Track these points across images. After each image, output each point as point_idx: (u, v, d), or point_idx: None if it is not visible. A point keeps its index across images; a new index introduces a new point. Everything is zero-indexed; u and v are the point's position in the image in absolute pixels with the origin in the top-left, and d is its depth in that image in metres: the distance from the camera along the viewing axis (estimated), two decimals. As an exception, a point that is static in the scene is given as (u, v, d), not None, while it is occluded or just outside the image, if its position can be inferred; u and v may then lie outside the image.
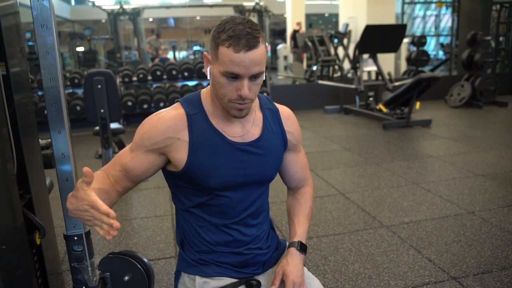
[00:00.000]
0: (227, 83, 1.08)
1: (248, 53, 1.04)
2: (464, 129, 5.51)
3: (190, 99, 1.21)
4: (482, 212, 2.88)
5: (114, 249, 2.56)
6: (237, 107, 1.11)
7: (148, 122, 1.18)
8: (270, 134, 1.24)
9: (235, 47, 1.03)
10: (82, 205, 0.94)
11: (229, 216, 1.23)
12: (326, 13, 20.51)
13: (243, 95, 1.07)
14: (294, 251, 1.28)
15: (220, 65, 1.07)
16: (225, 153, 1.17)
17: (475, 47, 7.08)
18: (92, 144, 5.25)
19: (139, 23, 10.68)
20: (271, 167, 1.26)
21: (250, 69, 1.05)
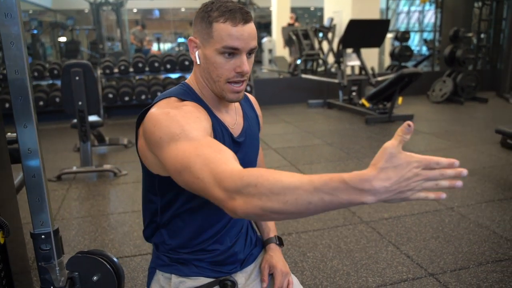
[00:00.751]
0: (224, 62, 1.03)
1: (245, 26, 1.01)
2: (445, 125, 5.55)
3: (182, 91, 1.10)
4: (460, 208, 2.90)
5: (90, 245, 2.51)
6: (234, 89, 1.05)
7: (187, 111, 0.98)
8: (250, 121, 1.22)
9: (232, 20, 1.00)
10: (409, 170, 0.67)
11: (221, 214, 1.19)
12: (312, 7, 20.47)
13: (244, 70, 1.03)
14: (274, 246, 1.30)
15: (216, 42, 1.01)
16: (228, 145, 1.12)
17: (457, 43, 7.14)
18: (72, 136, 5.15)
19: (123, 14, 10.50)
20: (255, 154, 1.25)
21: (248, 43, 1.02)
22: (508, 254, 2.29)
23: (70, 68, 3.48)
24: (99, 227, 2.75)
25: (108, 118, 6.35)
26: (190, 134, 0.90)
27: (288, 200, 0.71)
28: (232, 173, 0.78)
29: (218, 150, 0.85)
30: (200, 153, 0.84)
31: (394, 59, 9.08)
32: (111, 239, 2.58)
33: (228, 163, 0.81)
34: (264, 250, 1.33)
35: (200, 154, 0.84)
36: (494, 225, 2.64)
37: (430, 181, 0.68)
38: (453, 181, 0.68)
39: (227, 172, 0.78)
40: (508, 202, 2.99)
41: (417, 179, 0.68)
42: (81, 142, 3.71)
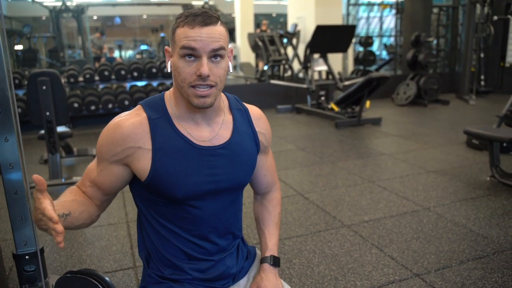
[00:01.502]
0: (186, 65, 1.01)
1: (204, 28, 1.00)
2: (412, 127, 5.71)
3: (152, 101, 1.13)
4: (436, 208, 2.97)
5: (66, 262, 2.39)
6: (197, 93, 1.02)
7: (105, 133, 1.11)
8: (242, 136, 1.17)
9: (190, 23, 1.00)
10: (37, 214, 0.92)
11: (200, 228, 1.15)
12: (274, 13, 20.68)
13: (203, 73, 0.99)
14: (267, 267, 1.25)
15: (177, 46, 1.02)
16: (193, 159, 1.09)
17: (418, 48, 7.38)
18: (36, 148, 4.93)
19: (84, 21, 10.22)
20: (244, 171, 1.18)
21: (208, 44, 0.99)
22: (486, 251, 2.36)
23: (36, 77, 3.34)
24: (75, 242, 2.63)
25: (74, 128, 6.13)
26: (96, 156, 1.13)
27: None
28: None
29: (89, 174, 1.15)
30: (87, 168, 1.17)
31: (359, 63, 9.29)
32: (89, 255, 2.47)
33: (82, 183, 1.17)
34: (259, 269, 1.30)
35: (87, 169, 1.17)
36: (470, 223, 2.71)
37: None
38: None
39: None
40: (480, 200, 3.09)
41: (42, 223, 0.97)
42: (50, 154, 3.56)
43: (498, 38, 8.14)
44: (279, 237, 1.32)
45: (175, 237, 1.15)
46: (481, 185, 3.41)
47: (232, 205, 1.21)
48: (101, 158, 1.11)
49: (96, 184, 1.13)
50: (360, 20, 17.69)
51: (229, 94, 1.24)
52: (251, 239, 2.60)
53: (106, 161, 1.10)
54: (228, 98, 1.21)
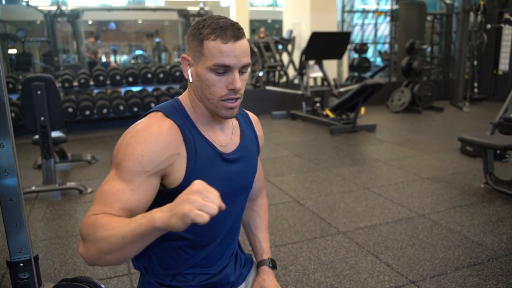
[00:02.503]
0: (217, 79, 1.01)
1: (237, 43, 0.99)
2: (407, 133, 5.73)
3: (171, 107, 1.09)
4: (431, 215, 2.98)
5: (60, 269, 2.37)
6: (228, 106, 1.04)
7: (141, 142, 0.99)
8: (247, 141, 1.20)
9: (223, 38, 0.98)
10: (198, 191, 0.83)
11: (211, 233, 1.15)
12: (269, 20, 20.76)
13: (237, 87, 1.01)
14: (266, 269, 1.28)
15: (207, 60, 1.00)
16: (217, 164, 1.10)
17: (413, 55, 7.43)
18: (29, 153, 4.90)
19: (78, 26, 10.19)
20: (251, 174, 1.21)
21: (240, 59, 1.00)
22: (481, 257, 2.37)
23: (31, 82, 3.32)
24: (68, 249, 2.61)
25: (68, 133, 6.10)
26: (121, 171, 0.98)
27: (111, 241, 0.86)
28: (89, 218, 0.92)
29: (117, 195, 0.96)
30: (105, 188, 0.97)
31: (353, 70, 9.34)
32: (83, 261, 2.44)
33: (104, 208, 0.94)
34: (257, 272, 1.31)
35: (105, 189, 0.97)
36: (464, 230, 2.72)
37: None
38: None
39: (89, 215, 0.93)
40: (474, 207, 3.11)
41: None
42: (44, 159, 3.53)
43: (491, 46, 8.22)
44: (269, 240, 1.35)
45: (180, 244, 1.14)
46: (476, 192, 3.43)
47: (240, 208, 1.23)
48: (139, 171, 0.97)
49: (132, 206, 0.97)
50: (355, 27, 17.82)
51: None
52: (247, 246, 2.59)
53: (146, 173, 0.98)
54: None
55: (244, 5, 14.04)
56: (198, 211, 0.77)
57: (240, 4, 13.87)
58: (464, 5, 7.42)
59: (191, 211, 0.77)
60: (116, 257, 0.88)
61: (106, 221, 0.89)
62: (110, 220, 0.90)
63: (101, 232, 0.88)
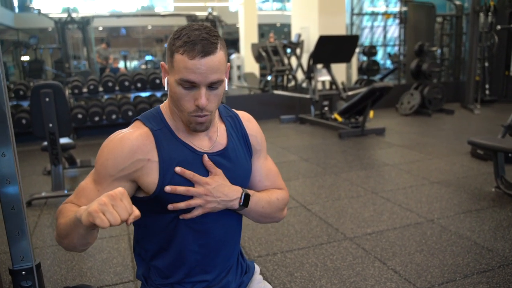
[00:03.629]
0: (184, 93, 1.01)
1: (203, 59, 0.97)
2: (416, 137, 5.68)
3: (150, 115, 1.12)
4: (440, 220, 2.93)
5: (67, 275, 2.38)
6: (197, 121, 1.04)
7: (109, 146, 1.05)
8: (235, 142, 1.18)
9: (189, 53, 0.97)
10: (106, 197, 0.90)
11: (204, 238, 1.14)
12: (278, 23, 20.78)
13: (200, 105, 1.00)
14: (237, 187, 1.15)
15: (175, 73, 1.00)
16: (198, 167, 1.09)
17: (422, 57, 7.37)
18: (40, 159, 4.95)
19: (89, 32, 10.32)
20: (243, 177, 1.19)
21: (206, 77, 0.99)
22: (491, 264, 2.32)
23: (39, 89, 3.36)
24: (75, 255, 2.62)
25: (78, 139, 6.16)
26: (94, 173, 1.07)
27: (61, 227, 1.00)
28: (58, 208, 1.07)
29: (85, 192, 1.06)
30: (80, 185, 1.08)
31: (362, 73, 9.29)
32: (90, 267, 2.46)
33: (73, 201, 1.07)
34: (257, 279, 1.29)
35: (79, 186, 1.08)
36: (474, 235, 2.68)
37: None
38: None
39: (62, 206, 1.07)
40: (485, 211, 3.05)
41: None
42: (52, 165, 3.56)
43: (502, 47, 8.12)
44: (263, 204, 1.19)
45: (176, 250, 1.14)
46: (486, 196, 3.37)
47: (234, 213, 1.20)
48: (105, 174, 1.04)
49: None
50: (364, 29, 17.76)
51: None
52: (253, 252, 2.58)
53: (111, 177, 1.03)
54: (218, 108, 1.22)
55: (252, 10, 14.09)
56: (101, 214, 0.81)
57: (249, 9, 13.92)
58: (474, 6, 7.34)
59: (96, 212, 0.82)
60: (67, 243, 1.01)
61: (67, 209, 1.02)
62: (68, 209, 1.02)
63: (60, 219, 1.02)
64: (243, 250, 2.53)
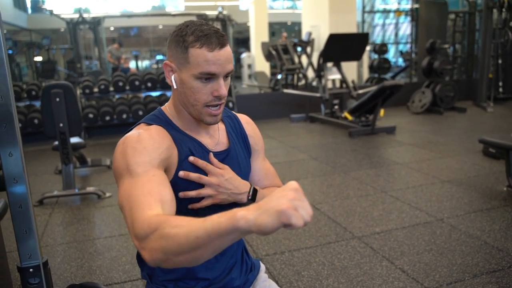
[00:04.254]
0: (202, 86, 1.03)
1: (221, 50, 1.00)
2: (427, 135, 5.62)
3: (153, 117, 1.13)
4: (450, 219, 2.91)
5: (76, 273, 2.41)
6: (212, 112, 1.06)
7: (137, 141, 1.00)
8: (235, 142, 1.21)
9: (208, 46, 0.99)
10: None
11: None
12: (289, 22, 20.73)
13: (222, 94, 1.03)
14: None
15: (193, 68, 1.01)
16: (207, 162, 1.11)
17: (434, 55, 7.29)
18: (52, 158, 5.01)
19: (100, 32, 10.40)
20: (243, 174, 1.20)
21: (225, 67, 1.02)
22: (501, 264, 2.29)
23: (50, 90, 3.40)
24: (85, 253, 2.65)
25: (89, 138, 6.22)
26: (133, 170, 0.94)
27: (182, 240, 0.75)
28: (143, 220, 0.83)
29: (147, 192, 0.90)
30: (130, 195, 0.90)
31: (373, 71, 9.23)
32: (99, 265, 2.48)
33: (148, 208, 0.86)
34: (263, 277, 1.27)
35: (130, 196, 0.90)
36: (484, 235, 2.65)
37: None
38: None
39: (140, 219, 0.84)
40: (495, 211, 3.02)
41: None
42: (63, 164, 3.61)
43: (516, 44, 7.99)
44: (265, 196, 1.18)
45: None
46: (497, 195, 3.33)
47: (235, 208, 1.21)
48: (148, 160, 0.97)
49: (162, 198, 0.92)
50: (376, 27, 17.63)
51: None
52: (260, 251, 2.58)
53: (155, 160, 0.98)
54: None
55: (263, 8, 14.08)
56: (296, 211, 0.67)
57: (259, 7, 13.91)
58: (487, 2, 7.24)
59: (289, 208, 0.66)
60: (186, 259, 0.77)
61: (172, 219, 0.80)
62: (175, 218, 0.80)
63: (168, 230, 0.77)
64: (250, 248, 2.54)
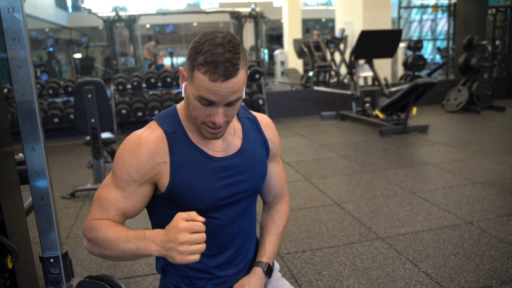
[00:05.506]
0: (201, 108, 1.02)
1: (224, 83, 0.96)
2: (462, 135, 5.44)
3: (166, 116, 1.14)
4: (480, 222, 2.81)
5: (102, 264, 2.48)
6: (209, 131, 1.06)
7: (128, 151, 1.07)
8: (252, 143, 1.19)
9: (211, 75, 0.95)
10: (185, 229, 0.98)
11: (217, 238, 1.17)
12: (323, 18, 20.52)
13: (216, 123, 1.02)
14: (260, 272, 1.22)
15: (194, 88, 1.00)
16: (209, 171, 1.11)
17: (471, 52, 7.04)
18: (86, 153, 5.18)
19: (136, 30, 10.64)
20: (257, 177, 1.20)
21: (226, 97, 0.99)
22: (532, 271, 2.20)
23: (82, 86, 3.51)
24: (111, 245, 2.72)
25: (122, 133, 6.38)
26: (117, 179, 1.08)
27: (109, 248, 1.04)
28: (88, 225, 1.08)
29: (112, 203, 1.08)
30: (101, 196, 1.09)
31: (408, 68, 9.01)
32: (123, 258, 2.55)
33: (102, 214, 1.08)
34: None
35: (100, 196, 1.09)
36: (516, 240, 2.54)
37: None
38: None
39: (87, 223, 1.09)
40: (530, 215, 2.89)
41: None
42: (94, 159, 3.72)
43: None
44: (278, 249, 1.29)
45: None
46: (533, 198, 3.19)
47: (248, 212, 1.23)
48: (129, 180, 1.06)
49: (125, 211, 1.09)
50: (413, 23, 17.18)
51: None
52: (282, 249, 2.58)
53: (136, 183, 1.06)
54: None
55: (296, 5, 14.00)
56: (190, 256, 0.91)
57: (293, 4, 13.84)
58: (530, -3, 6.92)
59: (183, 259, 0.91)
60: (104, 254, 1.07)
61: (106, 232, 1.04)
62: (109, 231, 1.04)
63: (102, 242, 1.03)
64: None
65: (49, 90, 6.23)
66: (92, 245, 1.07)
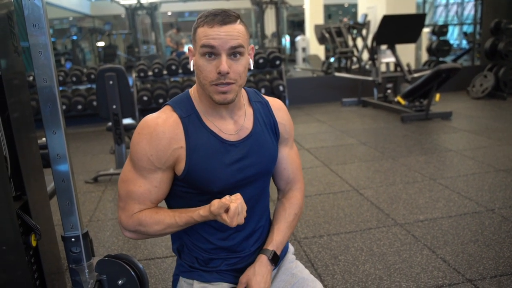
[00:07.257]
0: (207, 64, 1.05)
1: (223, 27, 1.03)
2: (486, 122, 5.32)
3: (180, 100, 1.16)
4: (502, 210, 2.76)
5: (123, 246, 2.56)
6: (218, 89, 1.06)
7: (146, 141, 1.10)
8: (262, 127, 1.21)
9: (209, 23, 1.03)
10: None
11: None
12: (346, 3, 20.17)
13: (221, 70, 1.03)
14: (265, 260, 1.21)
15: (197, 45, 1.06)
16: (222, 153, 1.13)
17: (499, 36, 6.83)
18: (108, 139, 5.29)
19: (157, 17, 10.70)
20: (268, 160, 1.22)
21: (226, 42, 1.03)
22: (554, 259, 2.16)
23: (104, 73, 3.57)
24: (132, 228, 2.79)
25: (143, 120, 6.47)
26: (137, 164, 1.12)
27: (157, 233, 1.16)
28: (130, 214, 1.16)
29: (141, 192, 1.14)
30: (128, 184, 1.14)
31: (432, 54, 8.82)
32: (144, 240, 2.61)
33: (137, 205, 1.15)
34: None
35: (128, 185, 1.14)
36: (538, 228, 2.49)
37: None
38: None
39: (129, 211, 1.16)
40: (554, 203, 2.83)
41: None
42: (116, 144, 3.80)
43: None
44: (288, 238, 1.27)
45: (205, 230, 1.20)
46: (558, 186, 3.11)
47: (261, 193, 1.25)
48: (153, 169, 1.11)
49: (159, 199, 1.16)
50: (438, 7, 16.73)
51: (248, 88, 1.27)
52: (299, 233, 2.60)
53: (159, 170, 1.11)
54: (247, 92, 1.25)
55: (318, -10, 13.78)
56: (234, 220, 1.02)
57: (314, -11, 13.63)
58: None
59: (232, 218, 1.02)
60: (151, 234, 1.17)
61: (151, 217, 1.13)
62: (152, 216, 1.13)
63: (154, 227, 1.13)
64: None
65: (72, 77, 6.35)
66: (138, 234, 1.17)
